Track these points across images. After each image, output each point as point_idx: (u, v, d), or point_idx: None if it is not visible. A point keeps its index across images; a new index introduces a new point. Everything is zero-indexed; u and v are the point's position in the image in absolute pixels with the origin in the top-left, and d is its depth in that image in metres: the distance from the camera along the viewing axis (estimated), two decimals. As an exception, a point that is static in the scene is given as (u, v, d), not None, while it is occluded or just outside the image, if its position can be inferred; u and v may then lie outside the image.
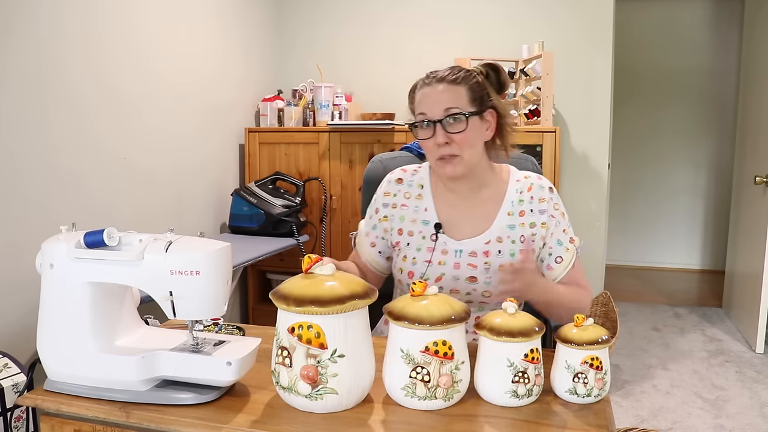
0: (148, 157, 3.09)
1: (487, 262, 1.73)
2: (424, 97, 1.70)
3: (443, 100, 1.66)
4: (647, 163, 6.38)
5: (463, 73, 1.70)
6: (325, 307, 1.15)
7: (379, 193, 1.90)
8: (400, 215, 1.84)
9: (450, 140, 1.66)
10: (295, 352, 1.18)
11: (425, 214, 1.81)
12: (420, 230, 1.81)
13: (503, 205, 1.78)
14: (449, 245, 1.77)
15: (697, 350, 4.17)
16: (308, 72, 4.26)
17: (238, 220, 3.64)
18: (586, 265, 4.13)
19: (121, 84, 2.88)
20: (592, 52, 3.88)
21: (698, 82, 6.17)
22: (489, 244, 1.75)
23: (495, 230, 1.76)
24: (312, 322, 1.17)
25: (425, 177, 1.87)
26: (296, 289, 1.19)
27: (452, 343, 1.22)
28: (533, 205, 1.76)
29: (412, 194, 1.85)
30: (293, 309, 1.16)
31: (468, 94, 1.68)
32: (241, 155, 4.01)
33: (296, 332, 1.17)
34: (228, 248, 1.33)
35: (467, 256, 1.75)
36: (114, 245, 1.30)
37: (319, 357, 1.17)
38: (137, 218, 3.01)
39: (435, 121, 1.66)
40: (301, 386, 1.19)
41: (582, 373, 1.26)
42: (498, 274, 1.67)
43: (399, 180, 1.88)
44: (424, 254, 1.78)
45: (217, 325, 1.68)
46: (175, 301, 1.28)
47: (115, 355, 1.29)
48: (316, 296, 1.16)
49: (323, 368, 1.18)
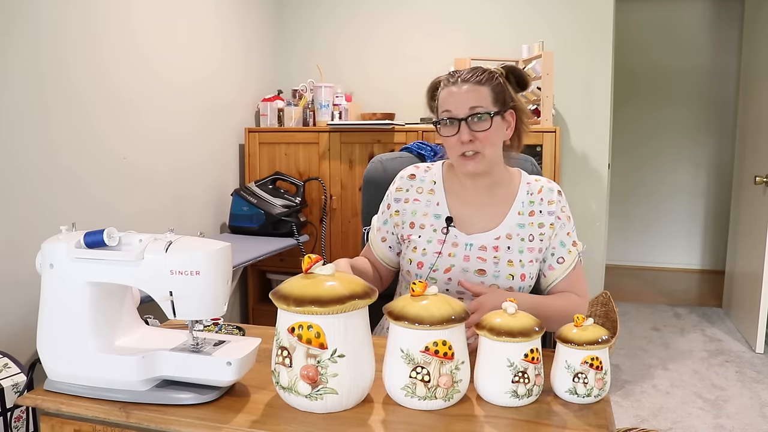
0: (148, 157, 3.09)
1: (497, 256, 1.76)
2: (449, 96, 1.72)
3: (469, 99, 1.69)
4: (647, 163, 6.39)
5: (486, 74, 1.73)
6: (325, 307, 1.15)
7: (392, 189, 1.92)
8: (412, 209, 1.87)
9: (474, 138, 1.69)
10: (295, 352, 1.18)
11: (437, 208, 1.84)
12: (431, 223, 1.83)
13: (514, 204, 1.81)
14: (460, 239, 1.79)
15: (697, 350, 4.18)
16: (308, 72, 4.27)
17: (238, 220, 3.64)
18: (587, 265, 4.13)
19: (121, 84, 2.88)
20: (592, 52, 3.88)
21: (698, 82, 6.17)
22: (499, 239, 1.77)
23: (505, 227, 1.78)
24: (312, 322, 1.17)
25: (437, 174, 1.90)
26: (296, 289, 1.19)
27: (452, 343, 1.22)
28: (543, 206, 1.80)
29: (425, 189, 1.88)
30: (293, 309, 1.16)
31: (491, 95, 1.71)
32: (241, 155, 4.01)
33: (296, 332, 1.18)
34: (228, 248, 1.33)
35: (477, 249, 1.77)
36: (114, 245, 1.31)
37: (319, 357, 1.17)
38: (137, 218, 3.01)
39: (460, 119, 1.69)
40: (301, 386, 1.19)
41: (582, 373, 1.26)
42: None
43: (412, 176, 1.91)
44: (435, 246, 1.80)
45: (217, 325, 1.68)
46: (175, 301, 1.28)
47: (115, 355, 1.30)
48: (316, 296, 1.17)
49: (323, 368, 1.18)
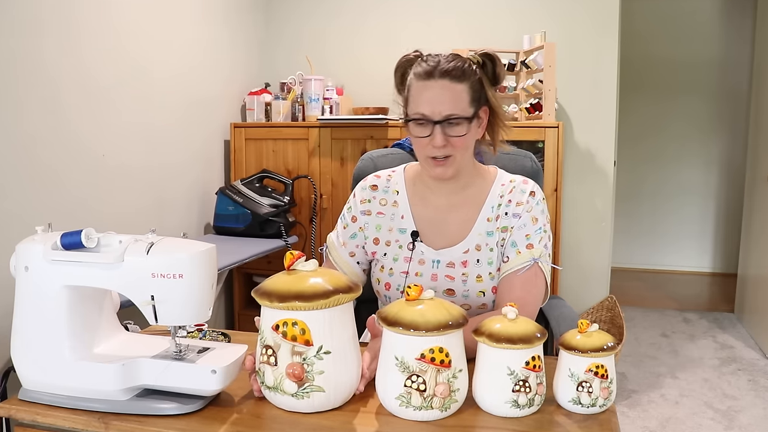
0: (128, 153, 3.09)
1: (465, 273, 1.75)
2: (423, 92, 1.66)
3: (444, 102, 1.64)
4: (655, 160, 6.40)
5: (464, 66, 1.67)
6: (310, 302, 1.18)
7: (356, 201, 1.88)
8: (375, 224, 1.85)
9: (447, 143, 1.65)
10: (280, 350, 1.21)
11: (402, 222, 1.82)
12: (397, 239, 1.82)
13: (483, 209, 1.78)
14: (426, 255, 1.78)
15: (708, 357, 4.19)
16: (297, 64, 4.26)
17: (223, 221, 3.64)
18: (592, 267, 4.11)
19: (100, 76, 2.88)
20: (597, 42, 3.89)
21: (709, 75, 6.18)
22: (467, 253, 1.76)
23: (473, 237, 1.76)
24: (297, 319, 1.19)
25: (400, 182, 1.87)
26: (279, 285, 1.22)
27: (449, 351, 1.23)
28: (510, 208, 1.76)
29: (388, 201, 1.85)
30: (277, 305, 1.19)
31: (469, 94, 1.66)
32: (226, 152, 4.01)
33: (281, 329, 1.20)
34: (213, 250, 1.34)
35: (445, 267, 1.76)
36: (92, 247, 1.31)
37: (305, 354, 1.20)
38: (117, 218, 3.00)
39: (435, 121, 1.64)
40: (287, 385, 1.21)
41: (586, 382, 1.27)
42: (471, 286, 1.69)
43: (373, 186, 1.88)
44: (401, 265, 1.79)
45: (201, 331, 1.68)
46: (156, 306, 1.28)
47: (94, 362, 1.30)
48: (300, 291, 1.20)
49: (309, 365, 1.20)
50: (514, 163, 2.05)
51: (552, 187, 3.40)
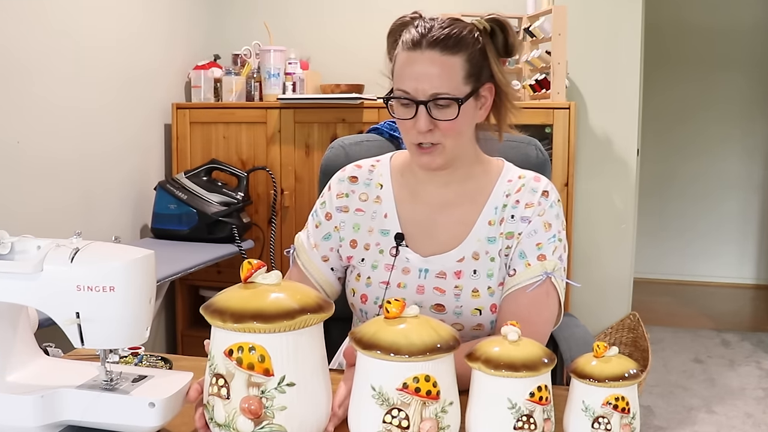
0: (47, 140, 3.07)
1: (458, 286, 1.72)
2: (408, 66, 1.64)
3: (432, 79, 1.60)
4: (687, 149, 6.39)
5: (461, 34, 1.65)
6: (271, 323, 1.16)
7: (331, 195, 1.87)
8: (353, 223, 1.83)
9: (434, 127, 1.63)
10: (233, 380, 1.19)
11: (384, 221, 1.80)
12: (377, 242, 1.80)
13: (484, 210, 1.76)
14: (412, 262, 1.76)
15: (751, 388, 4.22)
16: (253, 32, 4.24)
17: (163, 222, 3.63)
18: (610, 278, 4.11)
19: (13, 47, 2.86)
20: (616, 6, 3.90)
21: (753, 45, 6.18)
22: (462, 261, 1.74)
23: (471, 243, 1.74)
24: (254, 343, 1.17)
25: (385, 173, 1.86)
26: (234, 302, 1.20)
27: (437, 379, 1.22)
28: (517, 211, 1.73)
29: (370, 196, 1.84)
30: (231, 326, 1.17)
31: (465, 68, 1.63)
32: (167, 138, 4.01)
33: (235, 355, 1.18)
34: (151, 257, 1.34)
35: (434, 277, 1.74)
36: (4, 253, 1.31)
37: (264, 386, 1.18)
38: (34, 219, 2.99)
39: (419, 101, 1.62)
40: (242, 423, 1.19)
41: (603, 417, 1.27)
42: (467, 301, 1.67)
43: (353, 178, 1.86)
44: (381, 273, 1.77)
45: (136, 355, 1.68)
46: (83, 325, 1.28)
47: (6, 393, 1.29)
48: (259, 310, 1.17)
49: (268, 399, 1.19)
50: (515, 151, 2.02)
51: (562, 181, 3.39)
